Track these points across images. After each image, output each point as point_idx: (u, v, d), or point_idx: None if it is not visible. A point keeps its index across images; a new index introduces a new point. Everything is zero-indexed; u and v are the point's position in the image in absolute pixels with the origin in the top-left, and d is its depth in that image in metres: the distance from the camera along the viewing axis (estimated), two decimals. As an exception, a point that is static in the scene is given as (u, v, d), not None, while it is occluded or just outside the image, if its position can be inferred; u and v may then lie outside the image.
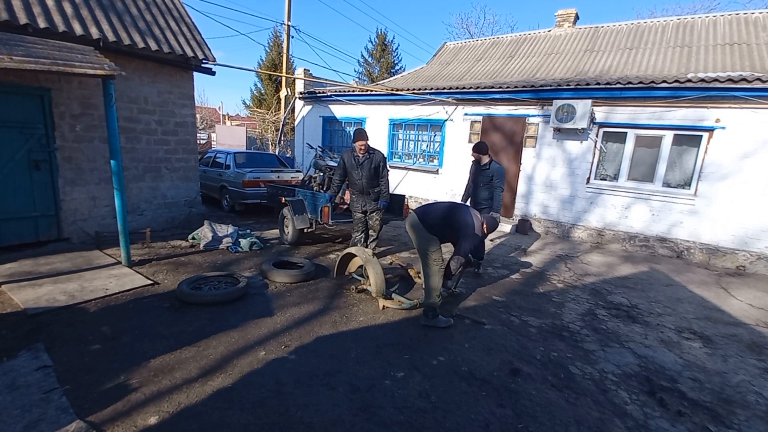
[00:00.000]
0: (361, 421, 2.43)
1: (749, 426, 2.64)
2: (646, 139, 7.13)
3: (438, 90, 9.17)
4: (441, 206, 3.81)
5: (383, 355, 3.20)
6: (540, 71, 10.16)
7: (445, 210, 3.73)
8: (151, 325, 3.48)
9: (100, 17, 5.44)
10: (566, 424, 2.52)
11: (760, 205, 6.20)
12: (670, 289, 5.34)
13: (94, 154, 5.66)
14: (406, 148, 10.60)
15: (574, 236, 7.94)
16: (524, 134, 8.30)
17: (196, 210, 7.13)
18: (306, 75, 12.23)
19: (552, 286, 5.17)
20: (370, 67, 27.51)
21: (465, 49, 13.30)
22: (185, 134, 6.78)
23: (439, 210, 3.76)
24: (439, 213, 3.73)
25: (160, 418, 2.35)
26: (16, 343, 3.03)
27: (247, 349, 3.17)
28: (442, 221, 3.68)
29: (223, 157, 9.26)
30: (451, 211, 3.68)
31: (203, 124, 23.50)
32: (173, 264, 5.09)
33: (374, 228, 5.50)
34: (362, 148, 5.09)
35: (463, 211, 3.66)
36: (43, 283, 4.16)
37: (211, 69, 6.87)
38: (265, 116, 19.94)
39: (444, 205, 3.81)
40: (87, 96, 5.49)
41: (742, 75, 6.20)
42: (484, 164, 5.23)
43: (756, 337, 4.02)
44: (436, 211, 3.77)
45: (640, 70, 8.77)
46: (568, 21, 11.84)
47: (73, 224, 5.60)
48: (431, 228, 3.68)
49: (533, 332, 3.80)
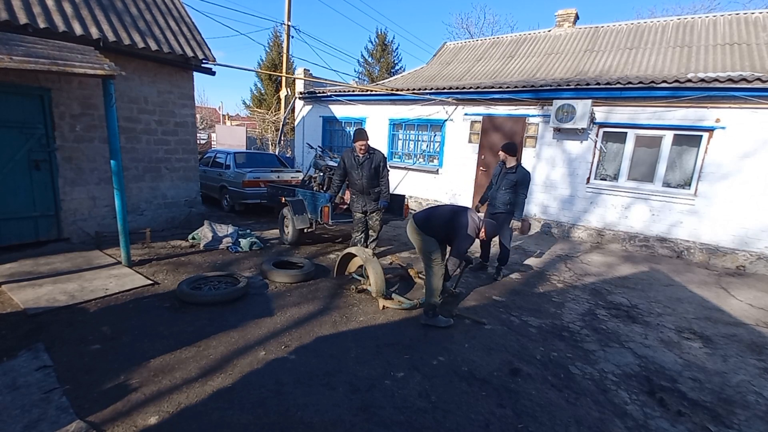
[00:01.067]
0: (361, 421, 2.43)
1: (749, 426, 2.64)
2: (646, 139, 7.13)
3: (438, 90, 9.17)
4: (444, 210, 3.81)
5: (383, 355, 3.20)
6: (540, 71, 10.16)
7: (448, 214, 3.74)
8: (151, 325, 3.48)
9: (100, 17, 5.44)
10: (566, 424, 2.52)
11: (760, 205, 6.20)
12: (670, 289, 5.34)
13: (94, 154, 5.66)
14: (406, 148, 10.60)
15: (574, 236, 7.94)
16: (524, 134, 8.30)
17: (196, 210, 7.13)
18: (306, 75, 12.23)
19: (552, 286, 5.17)
20: (370, 67, 27.51)
21: (465, 49, 13.30)
22: (185, 134, 6.78)
23: (443, 215, 3.76)
24: (442, 218, 3.74)
25: (160, 418, 2.35)
26: (16, 343, 3.03)
27: (247, 349, 3.17)
28: (445, 225, 3.68)
29: (223, 157, 9.26)
30: (454, 214, 3.69)
31: (203, 124, 23.50)
32: (173, 264, 5.09)
33: (374, 228, 5.50)
34: (362, 148, 5.09)
35: (461, 213, 3.67)
36: (43, 283, 4.16)
37: (211, 69, 6.87)
38: (265, 116, 19.94)
39: (447, 209, 3.82)
40: (87, 96, 5.49)
41: (742, 75, 6.20)
42: (511, 167, 4.99)
43: (756, 337, 4.02)
44: (439, 216, 3.77)
45: (640, 70, 8.78)
46: (568, 21, 11.84)
47: (73, 224, 5.60)
48: (433, 231, 3.69)
49: (533, 332, 3.80)
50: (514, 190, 4.98)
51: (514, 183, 4.96)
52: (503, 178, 5.05)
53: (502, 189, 5.05)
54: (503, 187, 5.03)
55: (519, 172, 4.98)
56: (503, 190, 5.04)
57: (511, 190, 4.99)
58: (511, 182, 4.97)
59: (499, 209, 5.08)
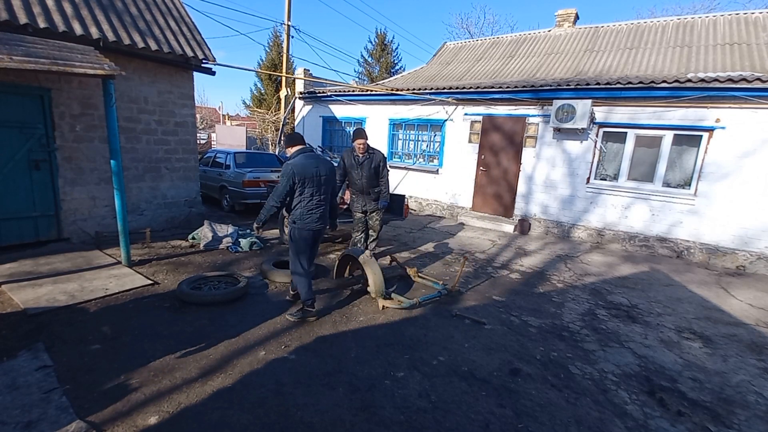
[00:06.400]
0: (361, 421, 2.43)
1: (749, 426, 2.64)
2: (646, 139, 7.13)
3: (438, 90, 9.17)
4: None
5: (383, 355, 3.20)
6: (540, 71, 10.16)
7: None
8: (151, 325, 3.48)
9: (100, 17, 5.44)
10: (566, 424, 2.52)
11: (760, 205, 6.20)
12: (670, 289, 5.34)
13: (94, 154, 5.66)
14: (406, 148, 10.60)
15: (574, 236, 7.94)
16: (524, 134, 8.30)
17: (196, 210, 7.13)
18: (306, 75, 12.23)
19: (552, 286, 5.17)
20: (370, 67, 27.50)
21: (465, 49, 13.29)
22: (185, 134, 6.78)
23: None
24: None
25: (160, 418, 2.35)
26: (16, 343, 3.03)
27: (247, 349, 3.17)
28: None
29: (223, 157, 9.26)
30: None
31: (203, 124, 23.49)
32: (173, 264, 5.09)
33: (374, 228, 5.50)
34: (361, 146, 5.09)
35: None
36: (43, 283, 4.16)
37: (211, 69, 6.87)
38: (265, 116, 19.94)
39: None
40: (87, 96, 5.49)
41: (742, 75, 6.20)
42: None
43: (756, 337, 4.02)
44: None
45: (640, 70, 8.77)
46: (568, 21, 11.84)
47: (73, 224, 5.60)
48: None
49: (533, 332, 3.80)
50: None
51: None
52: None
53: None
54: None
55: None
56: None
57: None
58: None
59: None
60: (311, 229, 3.65)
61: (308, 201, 3.58)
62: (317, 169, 3.60)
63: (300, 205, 3.58)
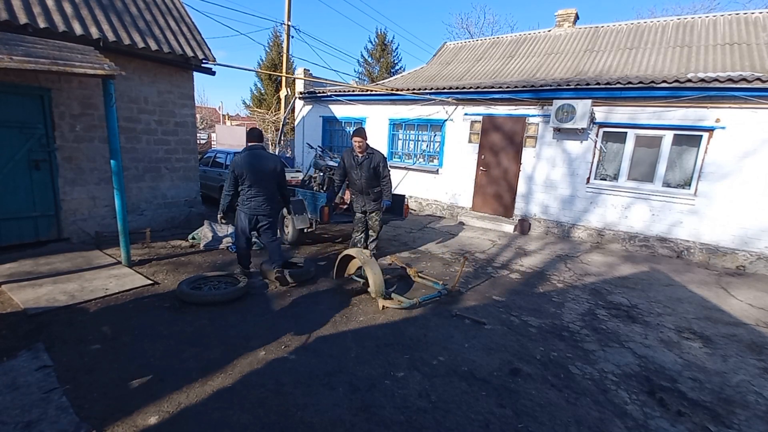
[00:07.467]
0: (361, 421, 2.43)
1: (749, 426, 2.64)
2: (646, 139, 7.13)
3: (438, 90, 9.17)
4: None
5: (383, 355, 3.21)
6: (540, 71, 10.15)
7: None
8: (151, 325, 3.48)
9: (100, 17, 5.44)
10: (566, 424, 2.52)
11: (760, 205, 6.20)
12: (670, 289, 5.34)
13: (94, 154, 5.66)
14: (406, 148, 10.60)
15: (574, 236, 7.94)
16: (524, 134, 8.30)
17: (196, 210, 7.13)
18: (306, 75, 12.23)
19: (552, 286, 5.17)
20: (370, 67, 27.51)
21: (465, 49, 13.29)
22: (185, 134, 6.78)
23: None
24: None
25: (160, 418, 2.36)
26: (16, 343, 3.03)
27: (247, 349, 3.17)
28: None
29: (223, 157, 9.27)
30: None
31: (203, 124, 23.49)
32: (173, 264, 5.09)
33: (374, 228, 5.50)
34: (360, 145, 5.08)
35: None
36: (43, 283, 4.17)
37: (211, 69, 6.87)
38: (265, 116, 19.95)
39: None
40: (87, 96, 5.49)
41: (742, 75, 6.20)
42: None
43: (756, 337, 4.02)
44: None
45: (640, 70, 8.77)
46: (568, 21, 11.84)
47: (73, 224, 5.60)
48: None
49: (533, 332, 3.80)
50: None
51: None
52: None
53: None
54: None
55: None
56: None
57: None
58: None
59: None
60: (247, 213, 4.41)
61: (247, 190, 4.36)
62: (258, 164, 4.29)
63: (242, 193, 4.40)
